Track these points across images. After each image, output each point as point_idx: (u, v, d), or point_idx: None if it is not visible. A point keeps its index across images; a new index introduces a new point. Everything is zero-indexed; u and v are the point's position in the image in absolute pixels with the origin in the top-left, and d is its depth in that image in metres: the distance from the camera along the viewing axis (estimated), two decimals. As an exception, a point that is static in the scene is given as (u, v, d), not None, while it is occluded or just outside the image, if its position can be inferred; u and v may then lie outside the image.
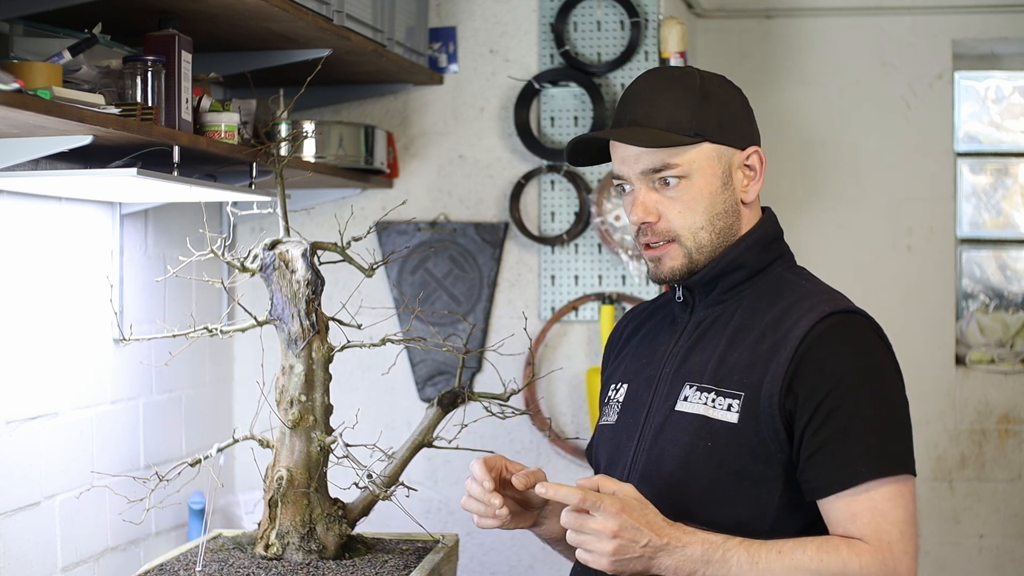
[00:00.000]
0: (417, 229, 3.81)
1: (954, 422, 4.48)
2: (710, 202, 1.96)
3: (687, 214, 1.95)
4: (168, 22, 2.60)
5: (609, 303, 3.70)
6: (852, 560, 1.80)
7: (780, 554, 1.81)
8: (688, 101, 1.96)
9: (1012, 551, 4.46)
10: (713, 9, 4.53)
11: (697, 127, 1.95)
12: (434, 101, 3.83)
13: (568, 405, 3.77)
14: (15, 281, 2.70)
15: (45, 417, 2.80)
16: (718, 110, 1.98)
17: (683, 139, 1.94)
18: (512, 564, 3.77)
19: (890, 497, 1.83)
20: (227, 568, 2.43)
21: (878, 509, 1.82)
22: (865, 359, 1.89)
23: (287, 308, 2.49)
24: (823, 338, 1.87)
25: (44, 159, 2.60)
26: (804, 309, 1.91)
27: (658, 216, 1.96)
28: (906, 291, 4.51)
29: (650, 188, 1.96)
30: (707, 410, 1.91)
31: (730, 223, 1.99)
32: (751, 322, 1.95)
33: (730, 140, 1.98)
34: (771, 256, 2.02)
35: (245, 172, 2.96)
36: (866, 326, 1.93)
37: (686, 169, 1.94)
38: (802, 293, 1.95)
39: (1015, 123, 4.68)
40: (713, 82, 2.01)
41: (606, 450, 2.07)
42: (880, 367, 1.90)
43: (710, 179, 1.96)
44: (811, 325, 1.88)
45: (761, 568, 1.80)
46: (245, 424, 2.60)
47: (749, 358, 1.91)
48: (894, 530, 1.81)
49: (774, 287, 1.99)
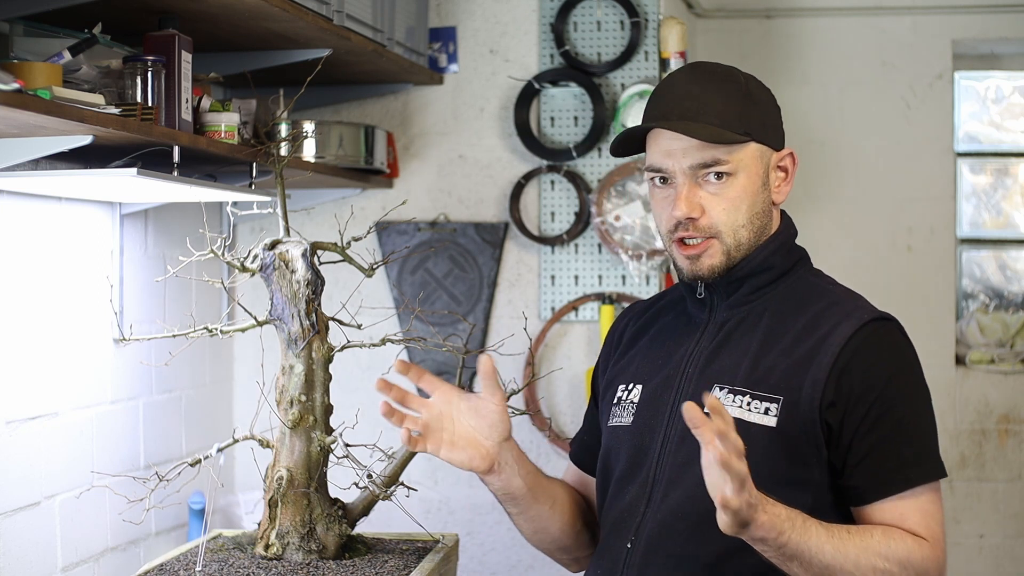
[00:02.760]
0: (417, 229, 3.81)
1: (954, 422, 4.48)
2: (752, 200, 1.97)
3: (731, 211, 1.96)
4: (168, 22, 2.60)
5: (609, 303, 3.70)
6: (916, 550, 1.86)
7: (850, 533, 1.84)
8: (735, 99, 1.98)
9: (1012, 551, 4.46)
10: (713, 9, 4.53)
11: (746, 126, 1.96)
12: (434, 101, 3.83)
13: (568, 405, 3.77)
14: (15, 281, 2.70)
15: (45, 417, 2.80)
16: (761, 110, 2.00)
17: (736, 136, 1.95)
18: (512, 564, 3.77)
19: (933, 499, 1.92)
20: (227, 568, 2.43)
21: (925, 510, 1.90)
22: (907, 366, 1.94)
23: (287, 308, 2.49)
24: (866, 345, 1.91)
25: (44, 159, 2.60)
26: (840, 315, 1.94)
27: (702, 211, 1.95)
28: (906, 291, 4.51)
29: (695, 183, 1.96)
30: (742, 413, 1.90)
31: (765, 223, 2.00)
32: (783, 326, 1.96)
33: (770, 141, 2.00)
34: (794, 258, 2.04)
35: (245, 172, 2.96)
36: (900, 333, 1.98)
37: (734, 167, 1.95)
38: (832, 298, 1.99)
39: (1015, 123, 4.68)
40: (753, 82, 2.04)
41: (627, 452, 2.02)
42: (918, 374, 1.96)
43: (753, 178, 1.97)
44: (852, 332, 1.91)
45: (836, 542, 1.81)
46: (245, 424, 2.60)
47: (786, 362, 1.91)
48: (939, 530, 1.91)
49: (801, 290, 2.00)
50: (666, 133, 1.96)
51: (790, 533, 1.77)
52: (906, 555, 1.85)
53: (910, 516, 1.89)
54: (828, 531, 1.82)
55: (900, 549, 1.85)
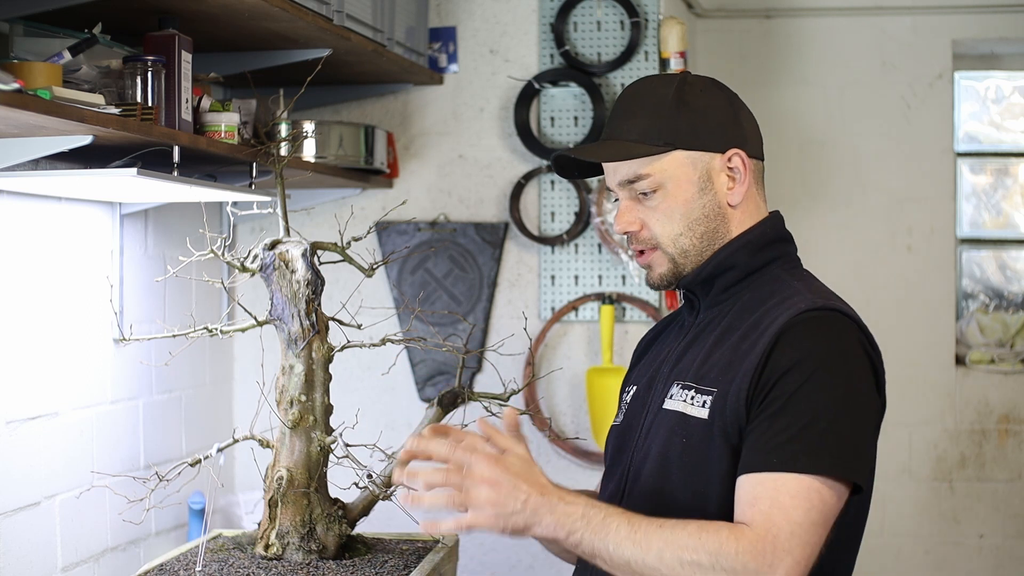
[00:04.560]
0: (417, 229, 3.81)
1: (954, 422, 4.48)
2: (686, 209, 1.98)
3: (665, 222, 1.99)
4: (168, 22, 2.60)
5: (609, 303, 3.70)
6: (730, 543, 1.74)
7: (660, 528, 1.78)
8: (661, 110, 1.99)
9: (1012, 551, 4.46)
10: (713, 9, 4.53)
11: (667, 136, 1.97)
12: (434, 101, 3.83)
13: (568, 405, 3.77)
14: (15, 281, 2.70)
15: (45, 417, 2.80)
16: (693, 117, 1.99)
17: (651, 149, 1.97)
18: (512, 564, 3.77)
19: (796, 494, 1.76)
20: (227, 568, 2.43)
21: (779, 501, 1.76)
22: (824, 352, 1.84)
23: (287, 308, 2.49)
24: (791, 331, 1.85)
25: (44, 159, 2.60)
26: (784, 308, 1.90)
27: (640, 225, 2.00)
28: (906, 291, 4.51)
29: (631, 198, 2.00)
30: (685, 407, 1.93)
31: (713, 227, 1.99)
32: (739, 322, 1.95)
33: (706, 145, 1.99)
34: (767, 257, 2.02)
35: (245, 172, 2.96)
36: (843, 323, 1.88)
37: (659, 179, 1.97)
38: (788, 293, 1.94)
39: (1015, 123, 4.68)
40: (694, 87, 2.01)
41: (611, 449, 2.10)
42: (841, 364, 1.85)
43: (685, 186, 1.98)
44: (785, 321, 1.86)
45: (638, 538, 1.77)
46: (245, 424, 2.60)
47: (729, 356, 1.91)
48: (786, 527, 1.74)
49: (767, 287, 1.99)
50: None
51: (583, 532, 1.78)
52: (717, 546, 1.74)
53: (760, 502, 1.77)
54: (632, 526, 1.78)
55: (711, 540, 1.74)
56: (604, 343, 3.68)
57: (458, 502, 1.79)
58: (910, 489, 4.50)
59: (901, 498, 4.50)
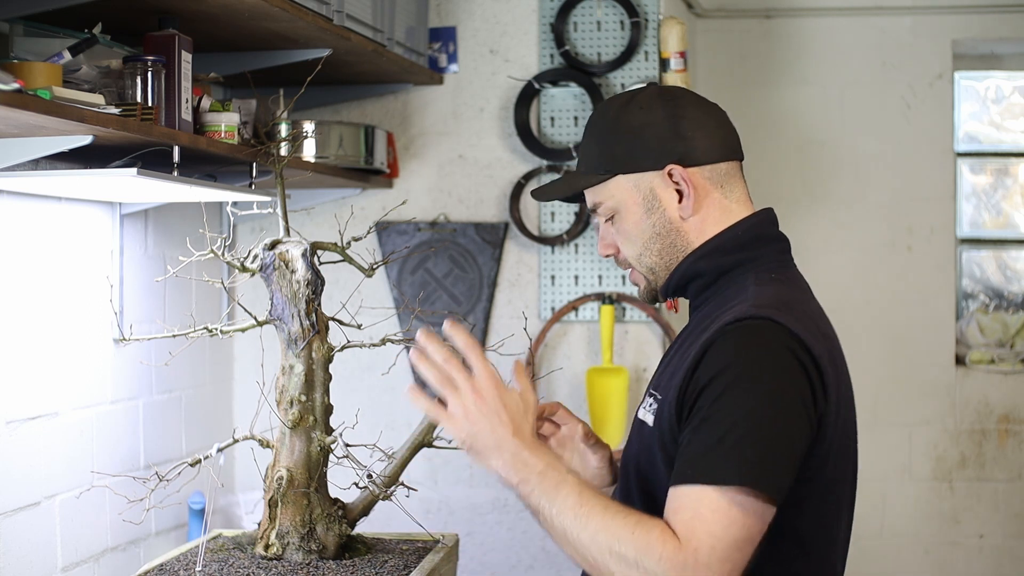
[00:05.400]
0: (417, 229, 3.81)
1: (954, 422, 4.48)
2: (638, 230, 1.99)
3: (627, 244, 2.02)
4: (168, 22, 2.60)
5: (609, 303, 3.69)
6: (657, 545, 1.72)
7: (604, 510, 1.77)
8: (599, 138, 2.00)
9: (1012, 551, 4.45)
10: (713, 9, 4.53)
11: (607, 163, 1.98)
12: (434, 101, 3.83)
13: (568, 405, 3.73)
14: (15, 281, 2.70)
15: (45, 417, 2.80)
16: (628, 139, 1.97)
17: (592, 179, 1.99)
18: (512, 564, 3.77)
19: (717, 508, 1.72)
20: (227, 568, 2.43)
21: (699, 513, 1.73)
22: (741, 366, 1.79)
23: (287, 308, 2.49)
24: (718, 342, 1.81)
25: (44, 159, 2.60)
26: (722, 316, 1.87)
27: (615, 248, 2.04)
28: (906, 291, 4.51)
29: (607, 224, 2.04)
30: (645, 415, 1.95)
31: (670, 242, 1.98)
32: (697, 328, 1.94)
33: (642, 166, 1.96)
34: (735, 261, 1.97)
35: (245, 172, 2.96)
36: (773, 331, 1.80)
37: (612, 205, 2.00)
38: (737, 301, 1.89)
39: (1015, 123, 4.68)
40: (636, 105, 1.98)
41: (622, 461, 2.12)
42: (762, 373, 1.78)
43: (633, 209, 1.98)
44: (716, 330, 1.83)
45: (582, 512, 1.77)
46: (245, 424, 2.60)
47: (677, 363, 1.91)
48: (707, 540, 1.71)
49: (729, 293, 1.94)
50: None
51: (534, 486, 1.80)
52: (646, 544, 1.72)
53: (681, 512, 1.74)
54: (581, 499, 1.77)
55: (642, 537, 1.73)
56: (604, 343, 3.68)
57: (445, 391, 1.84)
58: (910, 489, 4.50)
59: (901, 498, 4.50)
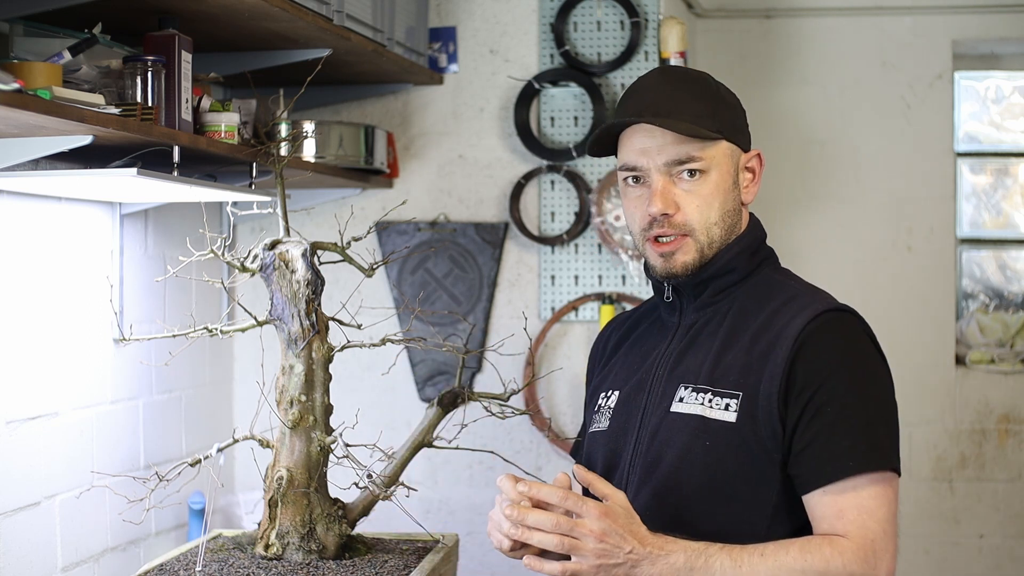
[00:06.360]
0: (417, 229, 3.81)
1: (954, 422, 4.48)
2: (724, 198, 1.99)
3: (704, 208, 1.97)
4: (168, 22, 2.60)
5: (609, 303, 3.70)
6: (835, 558, 1.82)
7: (763, 556, 1.82)
8: (707, 99, 2.00)
9: (1012, 551, 4.45)
10: (713, 9, 4.53)
11: (718, 124, 1.98)
12: (434, 101, 3.83)
13: (568, 405, 3.77)
14: (15, 281, 2.70)
15: (45, 417, 2.80)
16: (731, 112, 2.03)
17: (710, 133, 1.97)
18: (512, 564, 3.75)
19: (876, 495, 1.87)
20: (227, 568, 2.43)
21: (864, 506, 1.85)
22: (855, 355, 1.92)
23: (287, 308, 2.49)
24: (815, 335, 1.90)
25: (44, 159, 2.60)
26: (796, 308, 1.94)
27: (677, 208, 1.97)
28: (906, 291, 4.51)
29: (669, 180, 1.97)
30: (704, 410, 1.93)
31: (735, 222, 2.02)
32: (743, 324, 1.97)
33: (740, 142, 2.03)
34: (759, 260, 2.06)
35: (245, 172, 2.96)
36: (856, 324, 1.96)
37: (707, 164, 1.97)
38: (791, 293, 1.99)
39: (1015, 123, 4.68)
40: (722, 87, 2.06)
41: (602, 456, 2.08)
42: (870, 364, 1.94)
43: (725, 176, 1.99)
44: (805, 323, 1.90)
45: (745, 571, 1.81)
46: (245, 424, 2.60)
47: (745, 359, 1.93)
48: (878, 528, 1.85)
49: (763, 289, 2.01)
50: (640, 131, 1.97)
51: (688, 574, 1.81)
52: (823, 566, 1.82)
53: (847, 512, 1.85)
54: (736, 562, 1.82)
55: (817, 561, 1.82)
56: (604, 343, 3.68)
57: (567, 546, 1.80)
58: (910, 489, 4.49)
59: (901, 498, 4.46)
